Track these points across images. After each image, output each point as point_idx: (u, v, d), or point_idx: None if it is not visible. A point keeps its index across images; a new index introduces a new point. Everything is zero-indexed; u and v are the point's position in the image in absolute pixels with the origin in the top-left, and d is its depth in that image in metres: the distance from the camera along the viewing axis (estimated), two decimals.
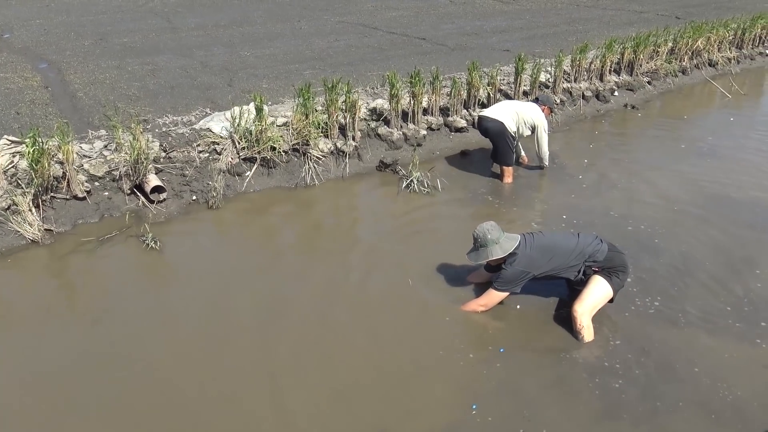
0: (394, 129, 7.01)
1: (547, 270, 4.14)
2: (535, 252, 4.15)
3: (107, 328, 4.09)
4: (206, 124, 6.42)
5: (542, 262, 4.12)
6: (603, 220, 5.55)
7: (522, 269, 4.09)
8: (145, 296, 4.48)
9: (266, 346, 3.92)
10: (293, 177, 6.29)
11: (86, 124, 6.59)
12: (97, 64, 9.27)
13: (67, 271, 4.82)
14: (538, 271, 4.13)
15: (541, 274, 4.15)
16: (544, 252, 4.16)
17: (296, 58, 9.89)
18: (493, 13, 14.62)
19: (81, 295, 4.54)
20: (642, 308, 4.33)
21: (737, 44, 11.60)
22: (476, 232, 4.22)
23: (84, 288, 4.62)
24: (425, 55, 10.02)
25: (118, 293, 4.48)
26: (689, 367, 3.79)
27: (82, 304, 4.40)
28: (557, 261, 4.13)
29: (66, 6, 15.05)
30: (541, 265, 4.12)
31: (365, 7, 15.31)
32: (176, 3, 15.90)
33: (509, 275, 4.11)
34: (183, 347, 3.91)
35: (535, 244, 4.20)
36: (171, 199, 5.74)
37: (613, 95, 9.10)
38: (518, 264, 4.10)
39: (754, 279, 4.67)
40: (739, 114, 8.78)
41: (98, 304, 4.35)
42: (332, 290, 4.53)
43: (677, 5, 16.01)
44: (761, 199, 6.00)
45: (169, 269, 4.88)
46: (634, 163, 6.96)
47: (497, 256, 4.14)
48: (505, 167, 6.33)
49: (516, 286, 4.14)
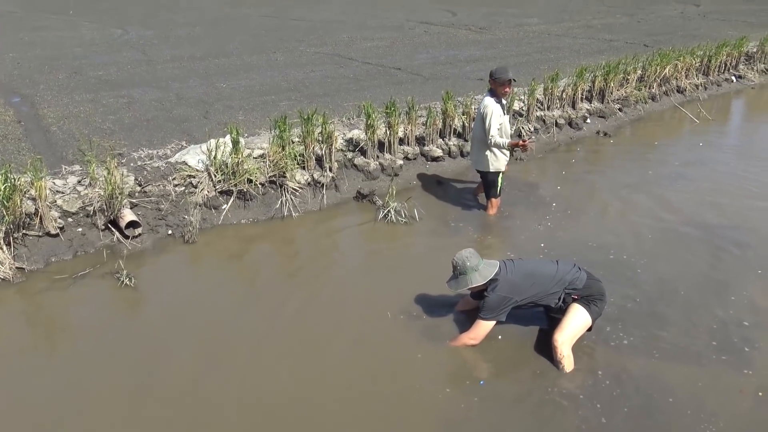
0: (370, 159, 7.05)
1: (529, 296, 4.15)
2: (517, 277, 4.16)
3: (79, 367, 4.00)
4: (182, 158, 6.40)
5: (524, 287, 4.13)
6: (579, 248, 5.60)
7: (504, 295, 4.09)
8: (119, 335, 4.40)
9: (243, 382, 3.87)
10: (270, 209, 6.27)
11: (60, 158, 6.52)
12: (72, 97, 9.21)
13: (39, 311, 4.73)
14: (520, 297, 4.13)
15: (524, 301, 4.16)
16: (526, 277, 4.18)
17: (272, 89, 9.92)
18: (466, 43, 14.85)
19: (53, 335, 4.45)
20: (620, 337, 4.35)
21: (704, 71, 11.90)
22: (455, 259, 4.22)
23: (56, 327, 4.54)
24: (401, 85, 10.12)
25: (91, 332, 4.39)
26: (669, 396, 3.81)
27: (53, 344, 4.32)
28: (539, 287, 4.15)
29: (41, 40, 14.98)
30: (523, 291, 4.13)
31: (341, 38, 15.46)
32: (152, 36, 15.92)
33: (493, 302, 4.10)
34: (158, 386, 3.84)
35: (515, 270, 4.22)
36: (146, 233, 5.68)
37: (585, 123, 9.26)
38: (500, 290, 4.10)
39: (729, 305, 4.73)
40: (707, 139, 8.97)
41: (70, 343, 4.27)
42: (310, 323, 4.50)
43: (645, 33, 16.41)
44: (732, 223, 6.11)
45: (144, 306, 4.81)
46: (608, 189, 7.05)
47: (477, 284, 4.14)
48: (488, 199, 6.37)
49: (501, 313, 4.12)
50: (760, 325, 4.48)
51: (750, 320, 4.52)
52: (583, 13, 21.42)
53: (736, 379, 3.95)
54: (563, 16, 20.68)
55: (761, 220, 6.20)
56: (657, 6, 24.28)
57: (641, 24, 18.68)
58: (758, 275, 5.17)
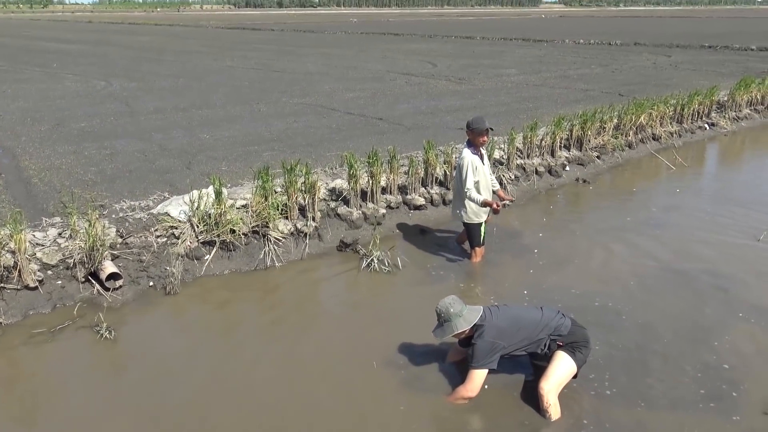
0: (353, 208, 7.08)
1: (516, 342, 4.13)
2: (502, 322, 4.16)
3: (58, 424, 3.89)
4: (164, 209, 6.39)
5: (511, 332, 4.12)
6: (563, 295, 5.62)
7: (492, 340, 4.07)
8: (98, 390, 4.30)
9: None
10: (253, 259, 6.24)
11: (41, 211, 6.48)
12: (54, 149, 9.22)
13: (17, 365, 4.62)
14: (508, 343, 4.11)
15: (512, 347, 4.13)
16: (512, 322, 4.17)
17: (255, 139, 10.02)
18: (446, 93, 15.17)
19: (30, 391, 4.32)
20: (606, 386, 4.33)
21: (677, 119, 12.22)
22: (439, 307, 4.22)
23: (34, 382, 4.41)
24: (382, 135, 10.27)
25: (70, 388, 4.29)
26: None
27: (31, 400, 4.19)
28: (525, 332, 4.14)
29: (23, 92, 15.07)
30: (510, 336, 4.11)
31: (323, 89, 15.73)
32: (135, 87, 16.09)
33: (481, 349, 4.07)
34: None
35: (501, 315, 4.22)
36: (127, 285, 5.61)
37: (564, 170, 9.42)
38: (487, 335, 4.08)
39: (713, 350, 4.74)
40: (684, 185, 9.16)
41: (48, 399, 4.15)
42: (294, 374, 4.43)
43: (620, 83, 16.89)
44: (712, 267, 6.18)
45: (124, 360, 4.71)
46: (589, 236, 7.13)
47: (462, 329, 4.13)
48: (472, 248, 6.39)
49: (491, 360, 4.08)
50: (744, 369, 4.49)
51: (734, 364, 4.54)
52: (559, 64, 22.04)
53: (724, 426, 3.93)
54: (540, 67, 21.26)
55: (739, 263, 6.28)
56: (630, 57, 25.07)
57: (616, 74, 19.24)
58: (739, 318, 5.20)
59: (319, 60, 23.84)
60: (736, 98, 13.70)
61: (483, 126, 5.92)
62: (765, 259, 6.40)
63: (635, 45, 31.03)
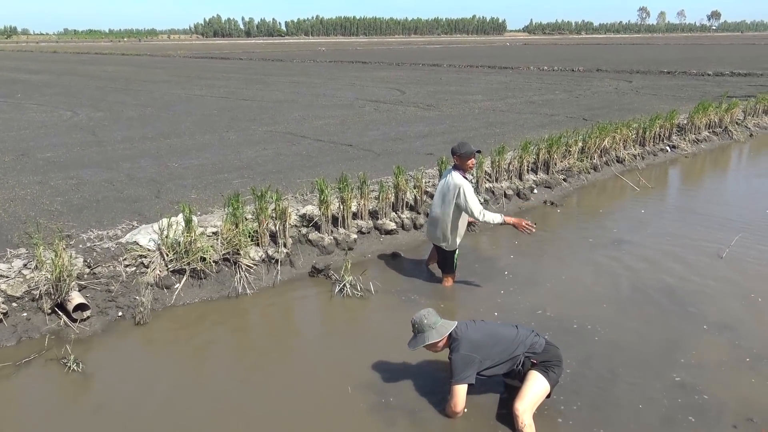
0: (324, 234, 7.09)
1: (492, 356, 4.17)
2: (477, 335, 4.21)
3: None
4: (133, 237, 6.31)
5: (486, 346, 4.17)
6: (535, 317, 5.67)
7: (467, 353, 4.12)
8: (65, 424, 4.19)
9: None
10: (224, 287, 6.18)
11: (5, 242, 6.35)
12: (18, 179, 9.07)
13: None
14: (483, 356, 4.14)
15: (488, 363, 4.17)
16: (487, 337, 4.22)
17: (225, 167, 9.99)
18: (415, 119, 15.35)
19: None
20: (580, 406, 4.37)
21: (640, 142, 12.55)
22: (414, 318, 4.31)
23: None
24: (353, 161, 10.33)
25: (36, 421, 4.18)
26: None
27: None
28: (500, 347, 4.19)
29: None
30: (485, 350, 4.15)
31: (292, 117, 15.79)
32: (102, 117, 15.94)
33: (458, 363, 4.12)
34: None
35: (477, 329, 4.28)
36: (95, 316, 5.50)
37: (532, 193, 9.57)
38: (462, 348, 4.13)
39: (680, 367, 4.83)
40: (648, 205, 9.37)
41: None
42: (267, 402, 4.38)
43: (583, 108, 17.30)
44: (679, 286, 6.31)
45: (92, 394, 4.59)
46: (558, 257, 7.24)
47: (433, 340, 4.20)
48: (445, 274, 6.40)
49: (469, 373, 4.10)
50: (713, 383, 4.57)
51: (701, 379, 4.62)
52: (524, 90, 22.49)
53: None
54: (506, 93, 21.67)
55: (704, 280, 6.43)
56: (593, 83, 25.72)
57: (579, 99, 19.71)
58: (705, 333, 5.32)
59: (288, 88, 23.95)
60: (695, 121, 14.12)
61: (471, 149, 5.95)
62: (728, 276, 6.56)
63: (597, 71, 31.88)
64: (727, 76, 28.01)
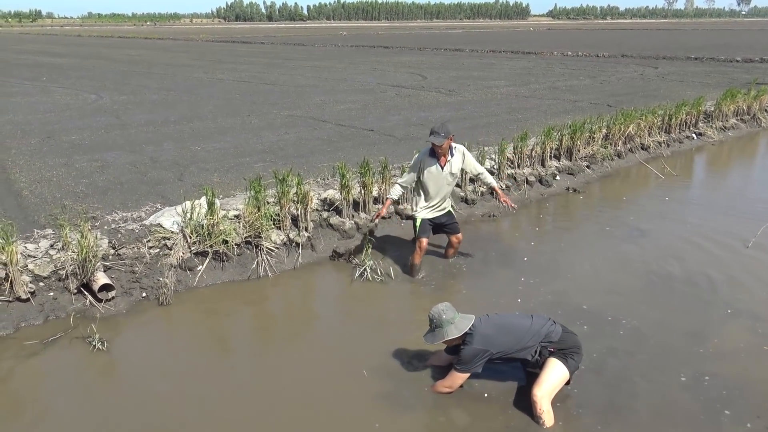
0: (345, 218, 7.10)
1: (504, 349, 4.17)
2: (492, 330, 4.20)
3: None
4: (157, 220, 6.38)
5: (499, 340, 4.17)
6: (555, 303, 5.65)
7: (480, 347, 4.12)
8: (90, 401, 4.28)
9: None
10: (246, 269, 6.24)
11: (32, 223, 6.46)
12: (44, 161, 9.20)
13: (8, 377, 4.58)
14: (496, 350, 4.15)
15: (499, 354, 4.18)
16: (500, 330, 4.22)
17: (247, 151, 10.03)
18: (437, 105, 15.26)
19: (22, 402, 4.29)
20: (601, 393, 4.36)
21: (665, 129, 12.35)
22: (431, 313, 4.27)
23: (25, 395, 4.38)
24: (374, 146, 10.31)
25: (62, 399, 4.27)
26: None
27: (23, 412, 4.16)
28: (514, 340, 4.18)
29: (13, 105, 15.03)
30: (498, 344, 4.16)
31: (313, 102, 15.78)
32: (125, 101, 16.08)
33: (467, 355, 4.13)
34: None
35: (490, 323, 4.26)
36: (120, 296, 5.60)
37: (555, 180, 9.49)
38: (476, 343, 4.13)
39: (703, 357, 4.79)
40: (672, 194, 9.24)
41: (40, 410, 4.13)
42: (286, 383, 4.43)
43: (608, 94, 17.06)
44: (704, 275, 6.24)
45: (117, 371, 4.69)
46: (579, 244, 7.19)
47: (452, 336, 4.18)
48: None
49: (476, 365, 4.14)
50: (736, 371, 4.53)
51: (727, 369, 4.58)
52: (547, 76, 22.24)
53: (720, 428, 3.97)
54: (529, 78, 21.44)
55: (729, 269, 6.34)
56: (618, 68, 25.34)
57: (604, 85, 19.43)
58: (731, 324, 5.26)
59: (310, 72, 23.94)
60: (723, 108, 13.87)
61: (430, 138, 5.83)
62: (755, 266, 6.46)
63: (622, 57, 31.38)
64: (757, 63, 27.40)
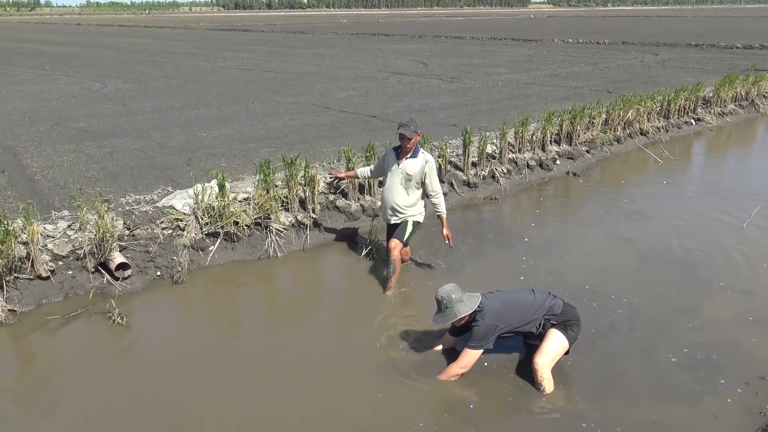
0: (351, 201, 7.30)
1: (513, 323, 4.36)
2: (500, 306, 4.37)
3: (72, 406, 4.08)
4: (169, 202, 6.57)
5: (508, 315, 4.34)
6: (555, 281, 5.86)
7: (492, 322, 4.27)
8: (113, 372, 4.50)
9: (234, 422, 3.97)
10: (256, 250, 6.45)
11: (47, 206, 6.65)
12: (54, 148, 9.37)
13: (31, 350, 4.81)
14: (505, 324, 4.32)
15: (508, 328, 4.36)
16: (508, 306, 4.39)
17: (252, 137, 10.20)
18: (438, 92, 15.40)
19: (45, 374, 4.51)
20: (597, 363, 4.58)
21: (664, 114, 12.51)
22: (439, 294, 4.36)
23: (49, 366, 4.61)
24: (377, 132, 10.48)
25: (85, 370, 4.49)
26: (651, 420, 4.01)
27: (46, 383, 4.38)
28: (521, 314, 4.37)
29: (18, 94, 15.17)
30: (507, 319, 4.33)
31: (316, 89, 15.92)
32: (130, 88, 16.22)
33: (481, 331, 4.27)
34: (150, 426, 3.93)
35: (497, 299, 4.43)
36: (136, 275, 5.80)
37: (555, 164, 9.67)
38: (488, 318, 4.28)
39: (699, 329, 5.00)
40: (670, 177, 9.43)
41: (63, 382, 4.35)
42: (298, 358, 4.64)
43: (607, 81, 17.19)
44: (701, 254, 6.44)
45: (137, 344, 4.90)
46: (579, 226, 7.39)
47: (464, 314, 4.29)
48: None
49: (489, 341, 4.30)
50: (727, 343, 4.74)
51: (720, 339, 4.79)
52: (548, 63, 22.34)
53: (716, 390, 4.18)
54: (530, 66, 21.54)
55: (726, 249, 6.54)
56: (618, 55, 25.42)
57: (604, 72, 19.55)
58: (726, 299, 5.47)
59: (311, 60, 24.03)
60: (721, 94, 14.01)
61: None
62: (749, 245, 6.66)
63: (623, 44, 31.43)
64: (757, 49, 27.47)
